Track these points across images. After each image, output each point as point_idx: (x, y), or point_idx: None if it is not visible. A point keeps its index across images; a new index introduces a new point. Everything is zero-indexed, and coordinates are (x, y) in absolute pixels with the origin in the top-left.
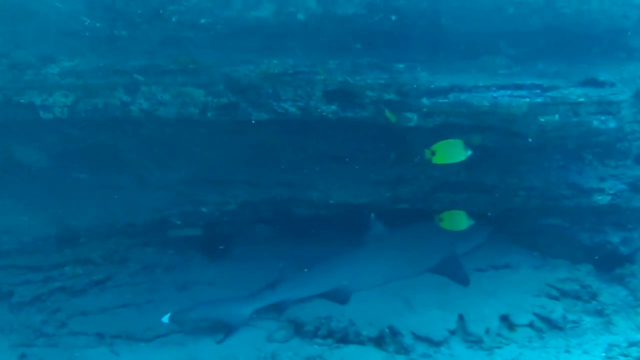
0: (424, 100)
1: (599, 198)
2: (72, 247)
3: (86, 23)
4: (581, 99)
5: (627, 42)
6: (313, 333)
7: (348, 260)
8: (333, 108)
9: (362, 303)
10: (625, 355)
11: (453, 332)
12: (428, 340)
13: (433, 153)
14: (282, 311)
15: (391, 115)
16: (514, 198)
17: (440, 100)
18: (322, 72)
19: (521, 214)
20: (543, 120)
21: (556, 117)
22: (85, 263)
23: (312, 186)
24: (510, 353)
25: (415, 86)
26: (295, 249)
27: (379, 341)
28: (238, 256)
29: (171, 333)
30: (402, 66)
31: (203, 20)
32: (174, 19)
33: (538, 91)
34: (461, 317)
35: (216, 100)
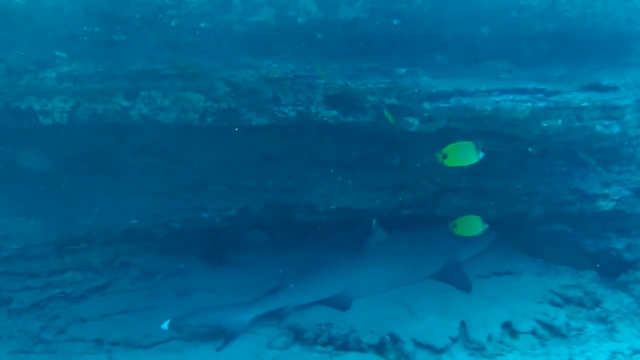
0: (426, 104)
1: (603, 204)
2: (72, 253)
3: (84, 28)
4: (584, 104)
5: (632, 47)
6: (313, 340)
7: (349, 266)
8: (334, 113)
9: (364, 310)
10: None
11: (455, 340)
12: (429, 347)
13: (445, 156)
14: (283, 318)
15: (389, 116)
16: (517, 204)
17: (441, 104)
18: (322, 73)
19: (524, 220)
20: (546, 125)
21: (559, 122)
22: (85, 269)
23: (313, 192)
24: None
25: (416, 90)
26: (296, 255)
27: (380, 348)
28: (239, 262)
29: (170, 340)
30: (404, 70)
31: (203, 24)
32: (174, 23)
33: (541, 95)
34: (463, 324)
35: (216, 105)
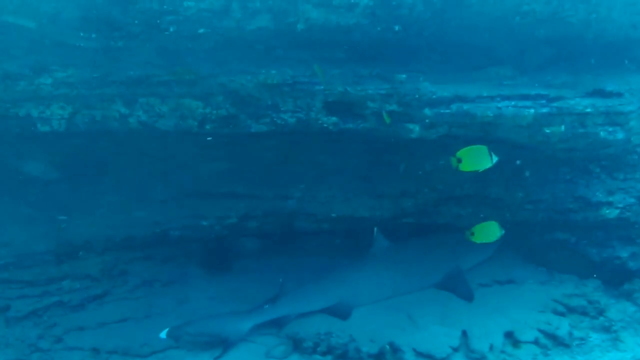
0: (426, 110)
1: (607, 212)
2: (71, 261)
3: (81, 34)
4: (588, 110)
5: (636, 53)
6: (312, 349)
7: (350, 274)
8: (334, 119)
9: (364, 318)
10: None
11: (456, 349)
12: (430, 357)
13: (459, 160)
14: (282, 327)
15: (387, 116)
16: (521, 212)
17: (442, 110)
18: (320, 75)
19: (528, 228)
20: (549, 131)
21: (562, 128)
22: (83, 277)
23: (314, 199)
24: None
25: (417, 96)
26: (297, 264)
27: (379, 358)
28: (239, 270)
29: (168, 348)
30: (404, 76)
31: (201, 30)
32: (172, 29)
33: (543, 101)
34: (464, 334)
35: (215, 112)
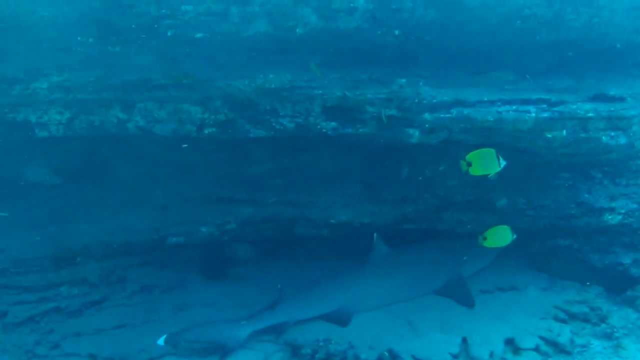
0: (426, 115)
1: (610, 217)
2: (69, 267)
3: (78, 38)
4: (590, 114)
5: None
6: (311, 356)
7: (349, 281)
8: (333, 124)
9: (364, 325)
10: None
11: (456, 356)
12: None
13: (469, 164)
14: (281, 333)
15: (385, 116)
16: (522, 218)
17: (442, 115)
18: (318, 73)
19: (529, 234)
20: (550, 136)
21: (564, 133)
22: (81, 283)
23: (314, 205)
24: None
25: (416, 101)
26: (296, 269)
27: None
28: (238, 276)
29: (165, 355)
30: (404, 81)
31: (199, 34)
32: (170, 34)
33: (544, 106)
34: (465, 341)
35: (213, 117)
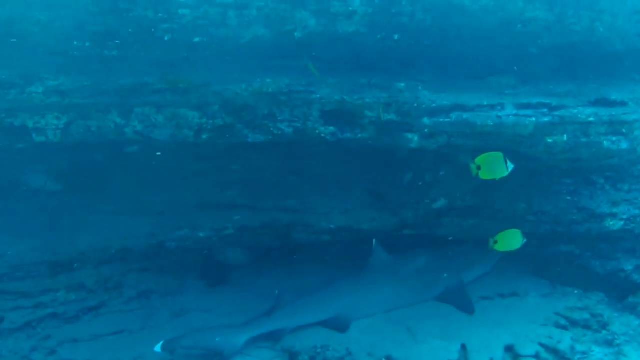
0: (425, 120)
1: (611, 223)
2: (66, 273)
3: (75, 43)
4: (591, 119)
5: None
6: None
7: (348, 287)
8: (331, 129)
9: (362, 332)
10: None
11: None
12: None
13: (479, 168)
14: (278, 340)
15: (383, 112)
16: (523, 224)
17: (442, 119)
18: (315, 73)
19: (530, 240)
20: (551, 141)
21: (564, 138)
22: (78, 289)
23: (312, 211)
24: None
25: (415, 105)
26: (296, 276)
27: None
28: (236, 282)
29: None
30: (403, 85)
31: (197, 39)
32: (167, 38)
33: (545, 110)
34: (464, 347)
35: (211, 121)
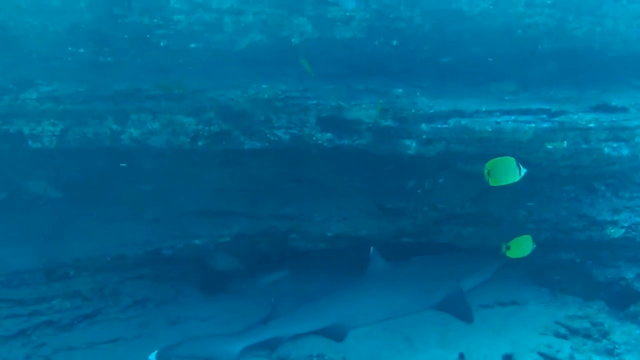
0: (423, 126)
1: (612, 231)
2: (62, 280)
3: (69, 49)
4: (591, 125)
5: None
6: None
7: (346, 295)
8: (328, 136)
9: (360, 341)
10: None
11: None
12: None
13: (489, 173)
14: (274, 348)
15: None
16: (523, 231)
17: (439, 125)
18: (308, 69)
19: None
20: (550, 147)
21: (564, 144)
22: (74, 297)
23: (309, 218)
24: None
25: (413, 111)
26: (293, 284)
27: None
28: (234, 290)
29: None
30: (401, 91)
31: (193, 45)
32: (163, 44)
33: (544, 116)
34: (462, 356)
35: (207, 128)
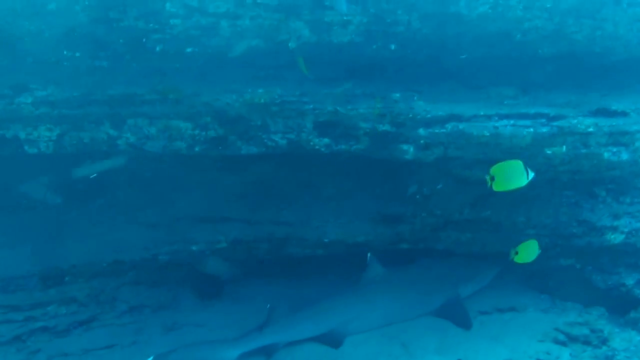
0: (421, 130)
1: (612, 237)
2: (57, 286)
3: (64, 53)
4: (590, 129)
5: None
6: None
7: (343, 301)
8: (326, 141)
9: (357, 347)
10: None
11: None
12: None
13: (493, 178)
14: (270, 355)
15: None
16: (522, 237)
17: (437, 130)
18: (303, 69)
19: None
20: (550, 152)
21: (564, 149)
22: (70, 302)
23: (307, 224)
24: None
25: (410, 116)
26: (291, 290)
27: None
28: (231, 296)
29: None
30: (398, 95)
31: (189, 49)
32: (159, 49)
33: (543, 120)
34: None
35: (204, 133)
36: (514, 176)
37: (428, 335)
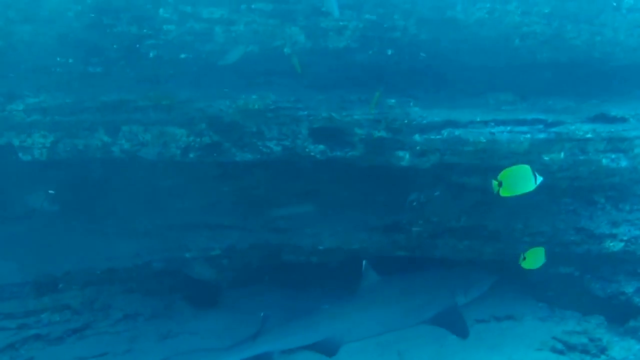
0: (416, 137)
1: (611, 244)
2: (51, 294)
3: (57, 59)
4: (589, 135)
5: None
6: None
7: (338, 310)
8: (321, 147)
9: (352, 356)
10: None
11: None
12: None
13: (500, 184)
14: None
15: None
16: (519, 245)
17: (433, 136)
18: (297, 67)
19: None
20: (547, 158)
21: (561, 155)
22: (63, 310)
23: (302, 232)
24: None
25: (406, 122)
26: (285, 298)
27: None
28: (225, 304)
29: None
30: (394, 101)
31: (183, 55)
32: (152, 55)
33: (541, 126)
34: None
35: (198, 139)
36: (522, 181)
37: (424, 343)
